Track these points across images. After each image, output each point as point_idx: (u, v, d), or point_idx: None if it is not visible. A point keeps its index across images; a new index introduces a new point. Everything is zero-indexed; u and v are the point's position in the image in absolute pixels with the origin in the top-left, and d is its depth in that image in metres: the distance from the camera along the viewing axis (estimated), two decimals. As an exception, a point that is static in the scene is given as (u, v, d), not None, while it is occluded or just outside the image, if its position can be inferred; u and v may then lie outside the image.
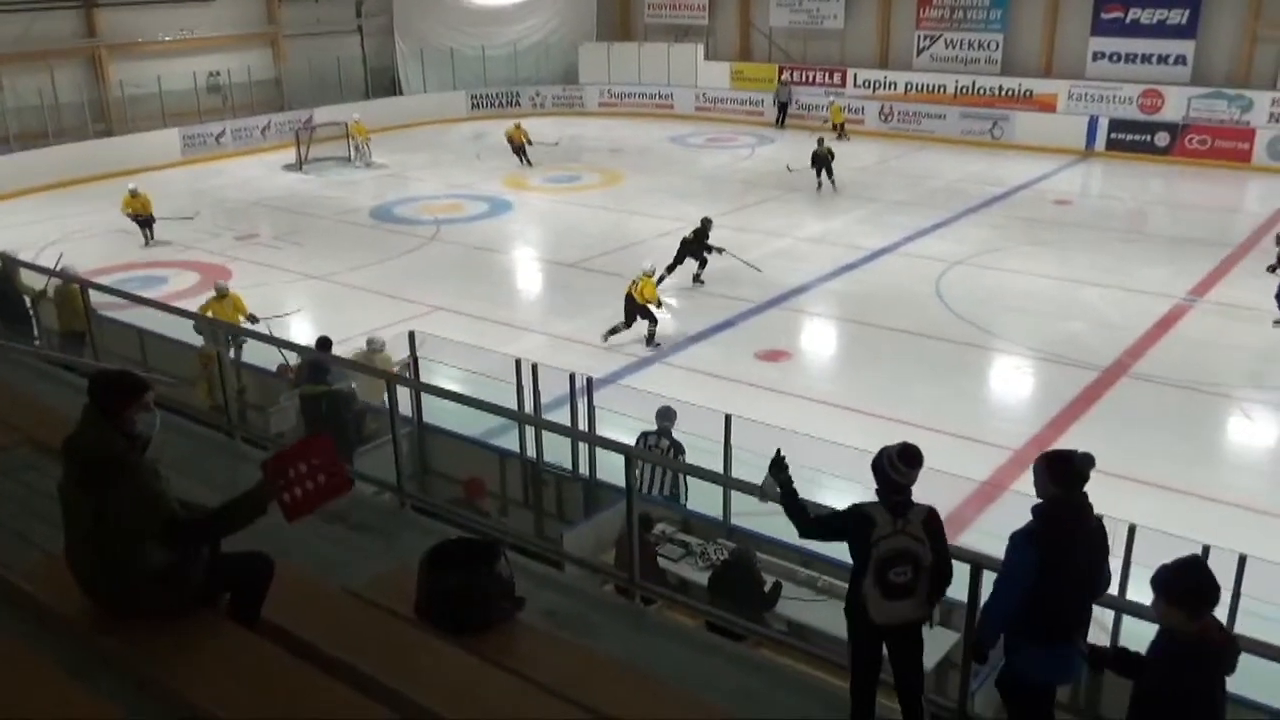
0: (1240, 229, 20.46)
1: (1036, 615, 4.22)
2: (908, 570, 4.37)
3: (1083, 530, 4.25)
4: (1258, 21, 25.69)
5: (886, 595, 4.36)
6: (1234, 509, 10.31)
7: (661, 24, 35.30)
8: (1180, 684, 3.69)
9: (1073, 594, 4.26)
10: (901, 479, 4.47)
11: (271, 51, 30.98)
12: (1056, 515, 4.24)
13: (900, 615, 4.44)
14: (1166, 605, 3.71)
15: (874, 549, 4.36)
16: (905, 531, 4.39)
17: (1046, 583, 4.16)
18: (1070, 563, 4.20)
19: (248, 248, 19.51)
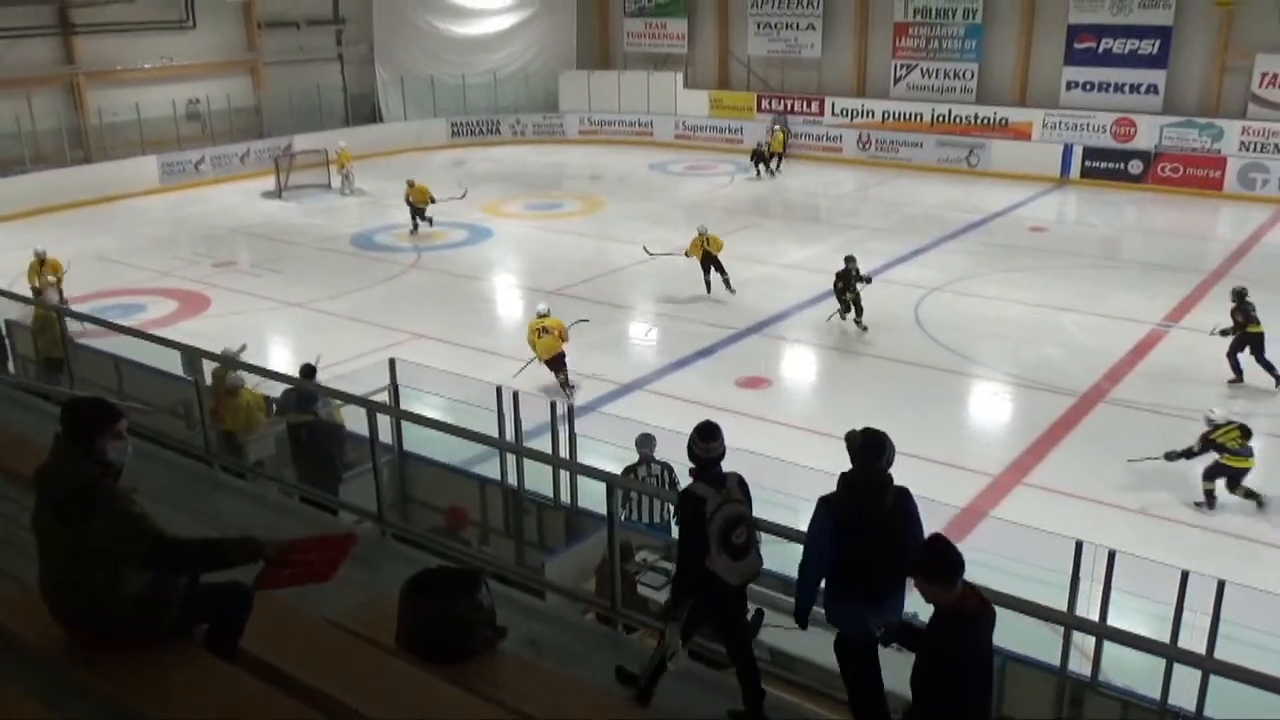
0: (1213, 256, 20.71)
1: (845, 577, 4.62)
2: (743, 531, 4.79)
3: (880, 500, 4.64)
4: (1227, 52, 26.12)
5: (734, 557, 4.74)
6: (1213, 534, 10.38)
7: (641, 53, 35.56)
8: (950, 648, 4.03)
9: (874, 557, 4.59)
10: (709, 454, 4.85)
11: (251, 79, 31.00)
12: (853, 485, 4.66)
13: (751, 570, 4.85)
14: (927, 583, 4.06)
15: (711, 522, 4.68)
16: (731, 499, 4.78)
17: (849, 547, 4.55)
18: (868, 529, 4.59)
19: (226, 275, 19.44)
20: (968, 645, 4.04)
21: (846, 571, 4.64)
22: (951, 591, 4.02)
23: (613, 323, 17.31)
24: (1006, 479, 11.49)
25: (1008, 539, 9.24)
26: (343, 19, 32.97)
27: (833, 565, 4.64)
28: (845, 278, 16.13)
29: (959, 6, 29.34)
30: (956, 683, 4.03)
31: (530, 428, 9.56)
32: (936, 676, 4.09)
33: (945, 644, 4.05)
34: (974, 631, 4.05)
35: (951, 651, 4.04)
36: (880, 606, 4.63)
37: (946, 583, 4.02)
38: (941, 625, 4.06)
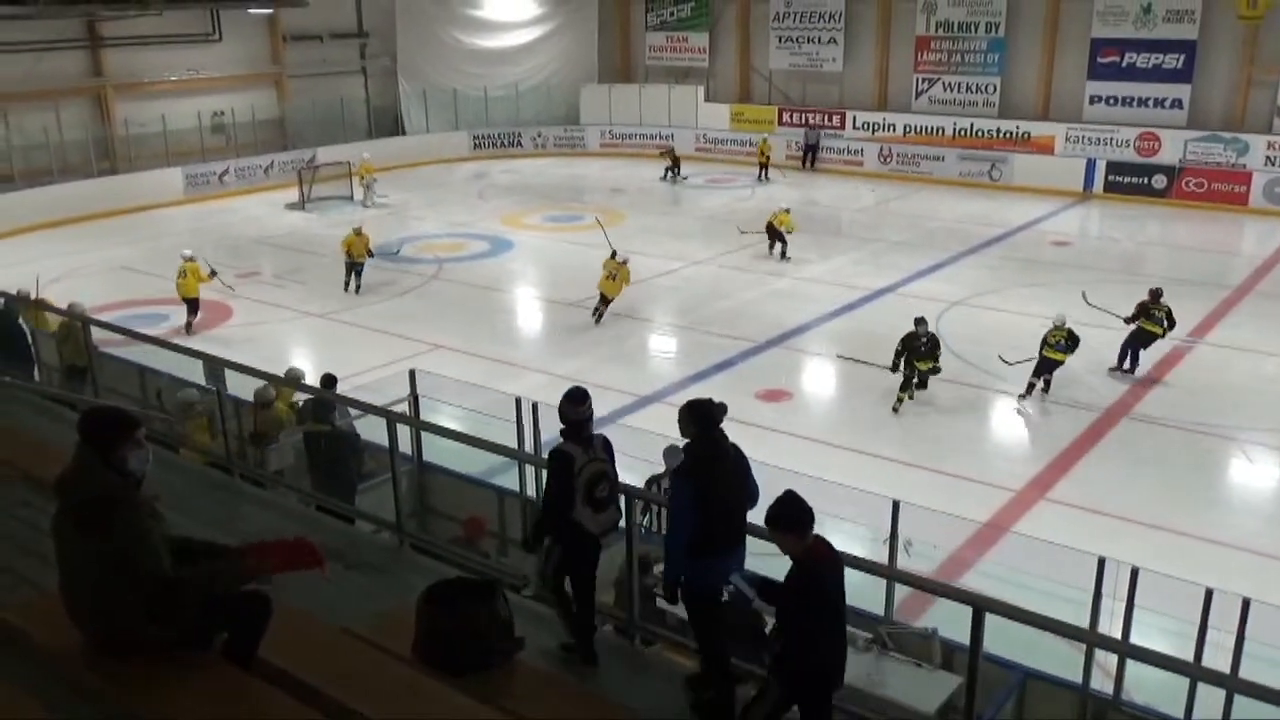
0: (1238, 271, 20.54)
1: (701, 535, 4.99)
2: (605, 487, 5.40)
3: (724, 460, 5.11)
4: (1252, 66, 25.95)
5: (596, 510, 5.37)
6: (1235, 551, 10.27)
7: (662, 66, 35.65)
8: (804, 588, 4.50)
9: (725, 513, 5.06)
10: (579, 416, 5.38)
11: (276, 91, 31.25)
12: (701, 451, 5.09)
13: (610, 520, 5.50)
14: (781, 535, 4.53)
15: (578, 478, 5.28)
16: (595, 458, 5.37)
17: (709, 507, 4.97)
18: (719, 487, 5.04)
19: (249, 285, 19.55)
20: (817, 587, 4.51)
21: (709, 529, 5.01)
22: (804, 542, 4.52)
23: (631, 335, 17.32)
24: (1028, 494, 11.41)
25: (1029, 555, 9.17)
26: (366, 32, 33.22)
27: (696, 528, 5.00)
28: (910, 342, 13.74)
29: (981, 20, 29.29)
30: (810, 620, 4.52)
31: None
32: (793, 616, 4.56)
33: (799, 585, 4.49)
34: (823, 576, 4.54)
35: (805, 592, 4.49)
36: (737, 551, 5.17)
37: (798, 533, 4.50)
38: (797, 571, 4.52)
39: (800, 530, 4.51)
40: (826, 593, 4.55)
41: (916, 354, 13.59)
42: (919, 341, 13.60)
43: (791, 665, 4.62)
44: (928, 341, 13.66)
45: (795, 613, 4.55)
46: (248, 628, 4.24)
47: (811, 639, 4.54)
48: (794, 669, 4.61)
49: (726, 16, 34.11)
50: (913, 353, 13.62)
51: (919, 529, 8.42)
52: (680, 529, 5.04)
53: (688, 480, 5.05)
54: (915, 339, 13.63)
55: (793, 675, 4.65)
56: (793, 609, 4.57)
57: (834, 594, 4.59)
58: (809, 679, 4.62)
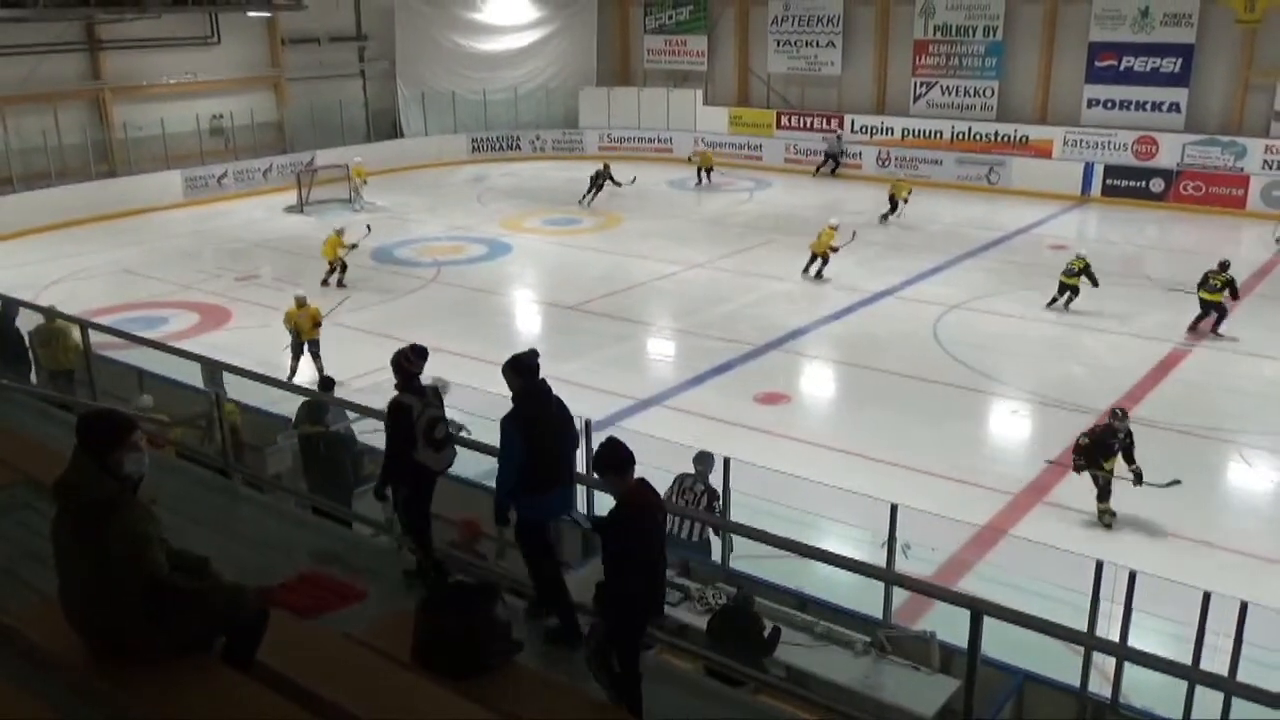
0: (1237, 274, 20.51)
1: (529, 473, 5.64)
2: (442, 428, 6.13)
3: (547, 406, 5.77)
4: (1249, 70, 26.00)
5: (436, 450, 6.10)
6: (1233, 554, 10.29)
7: (661, 69, 35.68)
8: (626, 526, 4.96)
9: (549, 455, 5.72)
10: (416, 369, 6.11)
11: (274, 94, 31.26)
12: (526, 400, 5.72)
13: (448, 459, 6.24)
14: (604, 474, 5.07)
15: (418, 424, 5.98)
16: (430, 405, 6.09)
17: (531, 450, 5.61)
18: (543, 430, 5.69)
19: (248, 289, 19.56)
20: (635, 523, 4.97)
21: (536, 468, 5.66)
22: (625, 482, 5.00)
23: (630, 339, 17.34)
24: (1026, 498, 11.42)
25: (1027, 558, 9.19)
26: (365, 35, 33.24)
27: (524, 467, 5.65)
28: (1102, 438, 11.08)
29: (979, 24, 29.33)
30: (632, 554, 4.95)
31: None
32: (616, 550, 5.01)
33: (620, 519, 4.98)
34: (643, 514, 5.02)
35: (624, 525, 4.97)
36: (566, 489, 5.92)
37: (619, 474, 5.00)
38: (619, 508, 5.01)
39: (619, 471, 5.02)
40: (644, 529, 5.01)
41: (1108, 452, 10.94)
42: (1115, 439, 10.94)
43: (611, 593, 5.04)
44: (1125, 438, 10.98)
45: (615, 545, 5.02)
46: (246, 632, 4.25)
47: (628, 569, 4.98)
48: (612, 595, 5.03)
49: (725, 20, 34.16)
50: (1104, 451, 10.94)
51: (917, 532, 8.42)
52: (509, 469, 5.69)
53: (514, 427, 5.63)
54: (1110, 434, 10.98)
55: (611, 601, 5.05)
56: (613, 541, 5.03)
57: (652, 531, 5.09)
58: (625, 606, 5.03)
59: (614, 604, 5.05)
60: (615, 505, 5.05)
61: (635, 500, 5.01)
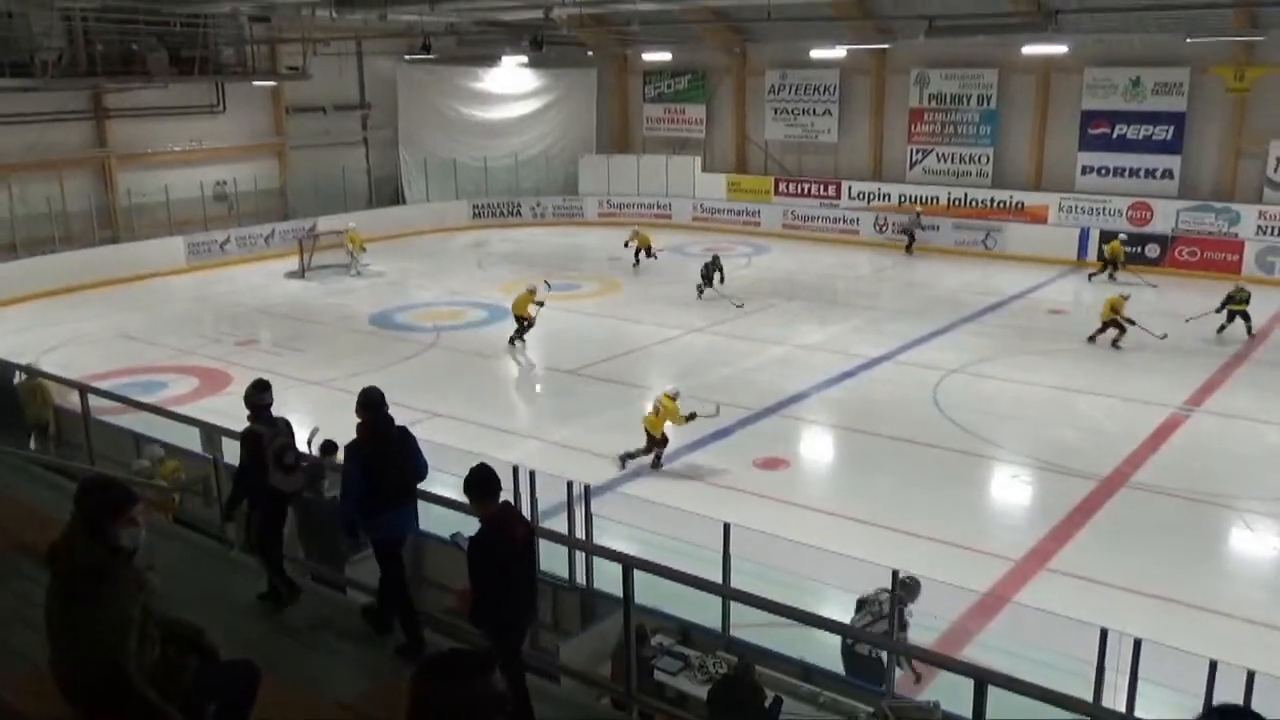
0: (1234, 339, 20.61)
1: (372, 496, 6.39)
2: (292, 454, 6.99)
3: (387, 437, 6.55)
4: (1240, 137, 26.34)
5: (286, 473, 6.95)
6: (1239, 622, 10.17)
7: (659, 137, 36.15)
8: (488, 549, 5.47)
9: (389, 479, 6.47)
10: (263, 402, 6.99)
11: (278, 161, 31.63)
12: (368, 431, 6.53)
13: (298, 482, 7.18)
14: (471, 497, 5.62)
15: (268, 450, 6.83)
16: (281, 433, 6.99)
17: (373, 476, 6.39)
18: (383, 459, 6.47)
19: (248, 353, 19.60)
20: (502, 542, 5.50)
21: (377, 492, 6.40)
22: (488, 506, 5.57)
23: (629, 403, 17.31)
24: (1028, 564, 11.32)
25: (1031, 626, 9.08)
26: (368, 104, 33.72)
27: (368, 491, 6.37)
28: None
29: (973, 93, 29.78)
30: (494, 571, 5.48)
31: (546, 507, 9.52)
32: (480, 567, 5.50)
33: (485, 540, 5.49)
34: (502, 535, 5.52)
35: (490, 546, 5.48)
36: (404, 511, 6.63)
37: (483, 498, 5.55)
38: (481, 530, 5.53)
39: (484, 496, 5.57)
40: (503, 548, 5.51)
41: None
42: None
43: (481, 608, 5.58)
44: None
45: (482, 565, 5.49)
46: (237, 699, 4.18)
47: (490, 585, 5.48)
48: (482, 610, 5.57)
49: (723, 89, 34.69)
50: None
51: (920, 599, 8.35)
52: (351, 491, 6.52)
53: (354, 456, 6.51)
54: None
55: (483, 616, 5.59)
56: (479, 561, 5.49)
57: (518, 551, 5.62)
58: (494, 618, 5.56)
59: (485, 618, 5.60)
60: (483, 524, 5.53)
61: (495, 522, 5.53)
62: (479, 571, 5.48)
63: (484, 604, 5.54)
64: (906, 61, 30.23)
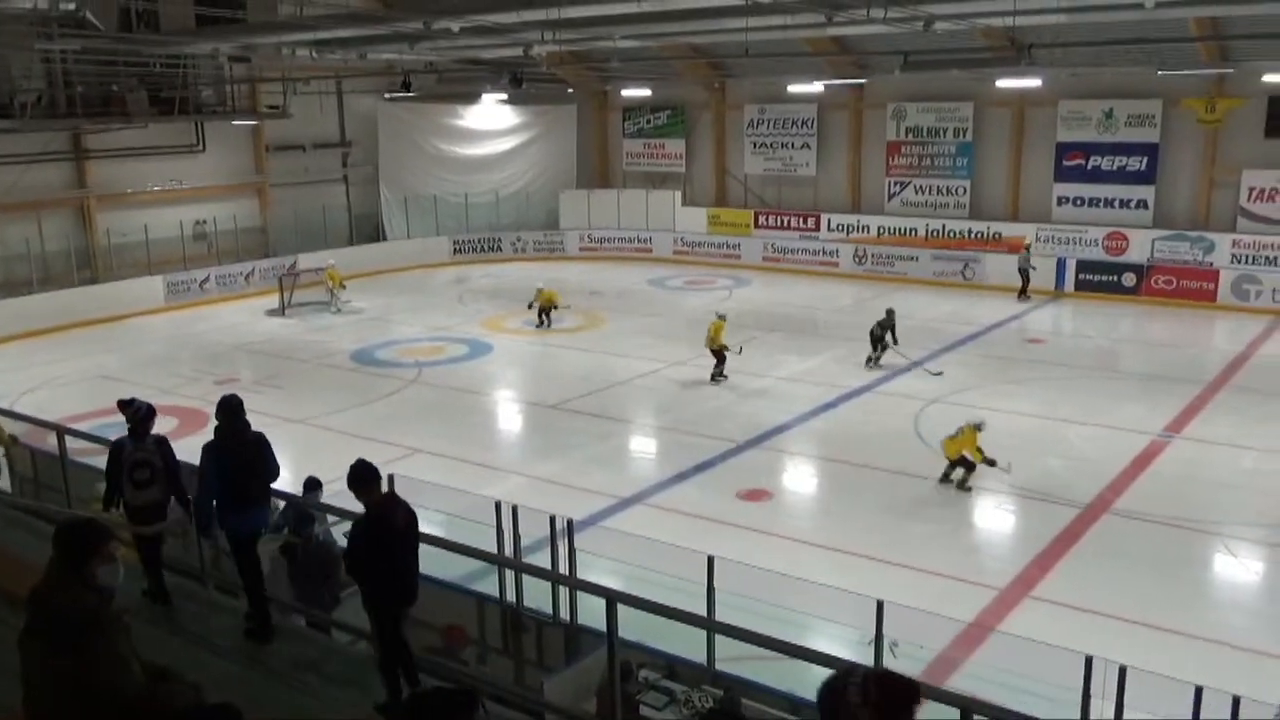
0: (1211, 366, 20.81)
1: (228, 494, 7.07)
2: (147, 471, 7.43)
3: (243, 442, 7.19)
4: (1214, 167, 26.72)
5: (137, 488, 7.44)
6: (1223, 647, 10.18)
7: (640, 171, 36.38)
8: (369, 534, 6.06)
9: (242, 478, 7.11)
10: (132, 421, 7.48)
11: (258, 200, 31.64)
12: (223, 433, 7.17)
13: (150, 497, 7.48)
14: (355, 490, 6.14)
15: (125, 462, 7.39)
16: (142, 449, 7.46)
17: (227, 474, 7.04)
18: (237, 461, 7.09)
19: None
20: (382, 529, 6.06)
21: (231, 491, 7.05)
22: (371, 494, 6.16)
23: (611, 437, 17.31)
24: (1012, 593, 11.32)
25: (1016, 654, 9.07)
26: (349, 141, 33.83)
27: (220, 489, 7.04)
28: None
29: (950, 126, 30.12)
30: (372, 553, 6.05)
31: (529, 543, 9.47)
32: (364, 554, 6.09)
33: (368, 528, 6.10)
34: (383, 521, 6.09)
35: (372, 533, 6.07)
36: (256, 509, 7.31)
37: (366, 488, 6.14)
38: (364, 516, 6.17)
39: (366, 487, 6.12)
40: (383, 533, 6.04)
41: None
42: None
43: (372, 592, 6.13)
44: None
45: (366, 550, 6.06)
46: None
47: (371, 567, 6.06)
48: (373, 594, 6.12)
49: (702, 124, 34.98)
50: None
51: (904, 629, 8.33)
52: (205, 489, 7.12)
53: (209, 454, 7.09)
54: None
55: (373, 599, 6.13)
56: (363, 548, 6.09)
57: (399, 533, 6.12)
58: (373, 599, 6.14)
59: (366, 600, 6.16)
60: (365, 511, 6.14)
61: (377, 509, 6.10)
62: (356, 551, 6.14)
63: (365, 586, 6.19)
64: (883, 95, 30.58)
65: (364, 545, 6.08)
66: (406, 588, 6.24)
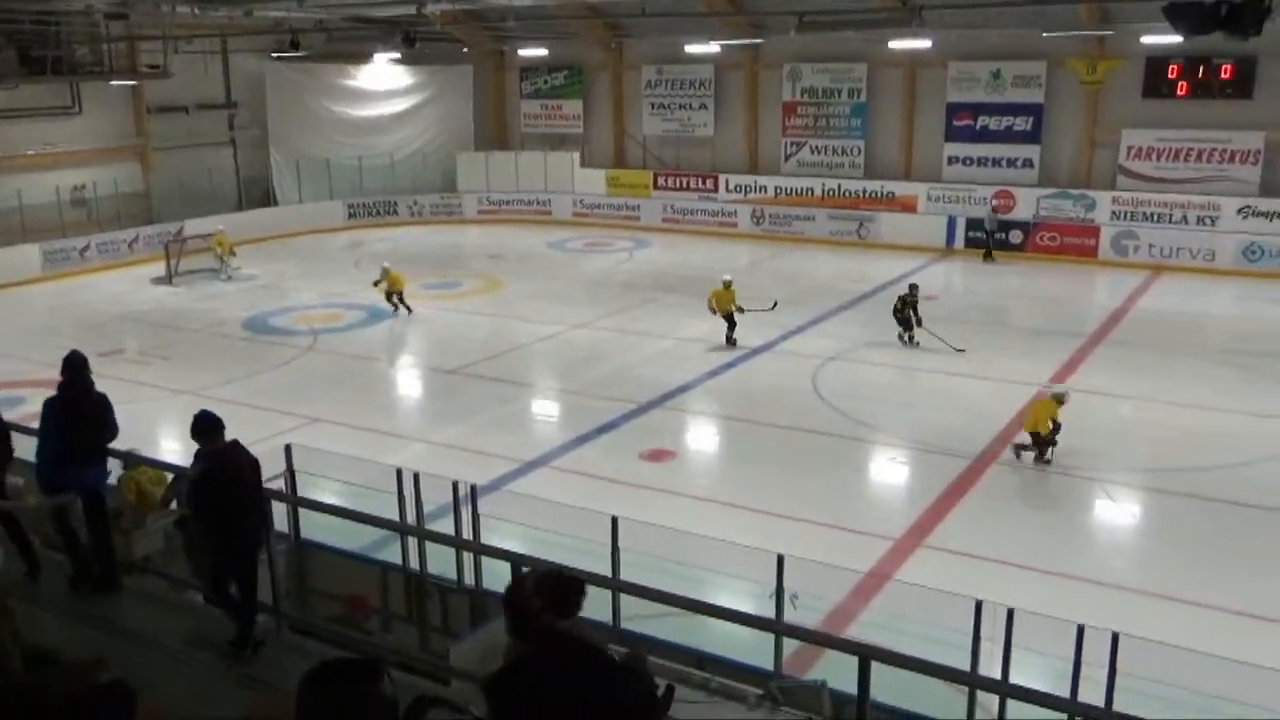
0: (1093, 320, 21.63)
1: (63, 451, 7.07)
2: None
3: (85, 399, 7.16)
4: (1095, 127, 27.61)
5: None
6: (1103, 587, 10.68)
7: (538, 133, 36.01)
8: (211, 482, 6.27)
9: (81, 436, 7.14)
10: None
11: (140, 164, 30.42)
12: (67, 388, 7.14)
13: None
14: (199, 439, 6.41)
15: None
16: None
17: (63, 432, 7.04)
18: (77, 418, 7.10)
19: (113, 364, 18.80)
20: (220, 478, 6.26)
21: (71, 448, 7.08)
22: (215, 443, 6.36)
23: (513, 401, 17.25)
24: (907, 542, 11.68)
25: (911, 601, 9.38)
26: (235, 103, 32.72)
27: (59, 446, 7.05)
28: None
29: (844, 87, 30.49)
30: (223, 497, 6.25)
31: (432, 510, 9.41)
32: (199, 499, 6.37)
33: (207, 472, 6.31)
34: (225, 469, 6.30)
35: (211, 481, 6.29)
36: (95, 467, 7.34)
37: (210, 437, 6.36)
38: (210, 461, 6.37)
39: (209, 435, 6.35)
40: (226, 481, 6.27)
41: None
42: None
43: (211, 538, 6.32)
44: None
45: (205, 498, 6.29)
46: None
47: (211, 514, 6.29)
48: (213, 540, 6.31)
49: (600, 85, 34.74)
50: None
51: (804, 581, 8.52)
52: (44, 443, 7.16)
53: (50, 410, 7.12)
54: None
55: (212, 545, 6.32)
56: (202, 495, 6.34)
57: (245, 479, 6.39)
58: (210, 545, 6.34)
59: (204, 544, 6.38)
60: (208, 458, 6.33)
61: (221, 457, 6.31)
62: (199, 502, 6.37)
63: (204, 532, 6.45)
64: (779, 56, 30.76)
65: (210, 490, 6.31)
66: (253, 531, 6.50)
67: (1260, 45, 18.07)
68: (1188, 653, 7.41)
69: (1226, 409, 15.78)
